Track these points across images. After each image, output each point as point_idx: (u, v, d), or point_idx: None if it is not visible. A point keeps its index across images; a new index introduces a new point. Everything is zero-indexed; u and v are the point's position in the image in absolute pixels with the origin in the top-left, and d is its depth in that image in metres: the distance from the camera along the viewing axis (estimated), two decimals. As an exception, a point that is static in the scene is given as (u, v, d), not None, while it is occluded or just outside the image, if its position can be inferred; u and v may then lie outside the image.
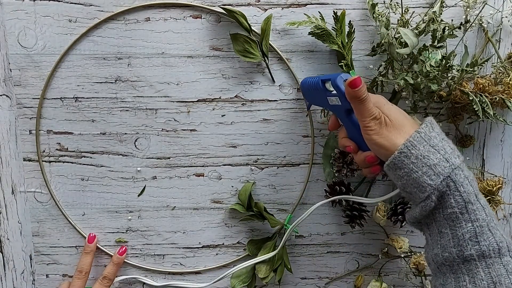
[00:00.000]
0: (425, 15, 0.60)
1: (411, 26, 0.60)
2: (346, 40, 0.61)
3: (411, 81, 0.57)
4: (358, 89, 0.48)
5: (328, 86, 0.54)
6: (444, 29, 0.56)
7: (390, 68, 0.61)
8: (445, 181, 0.47)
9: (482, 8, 0.59)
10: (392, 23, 0.59)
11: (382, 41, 0.59)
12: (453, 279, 0.47)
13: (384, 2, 0.61)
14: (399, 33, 0.57)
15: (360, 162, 0.54)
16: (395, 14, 0.59)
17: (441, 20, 0.58)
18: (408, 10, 0.60)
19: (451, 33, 0.57)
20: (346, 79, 0.49)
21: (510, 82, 0.58)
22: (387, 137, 0.49)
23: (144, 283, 0.69)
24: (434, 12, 0.58)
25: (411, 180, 0.48)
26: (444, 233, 0.48)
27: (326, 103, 0.55)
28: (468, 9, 0.59)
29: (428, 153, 0.47)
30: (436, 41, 0.57)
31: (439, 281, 0.49)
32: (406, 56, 0.58)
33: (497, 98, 0.58)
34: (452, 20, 0.61)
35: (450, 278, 0.48)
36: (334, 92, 0.52)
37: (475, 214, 0.46)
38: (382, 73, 0.61)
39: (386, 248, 0.69)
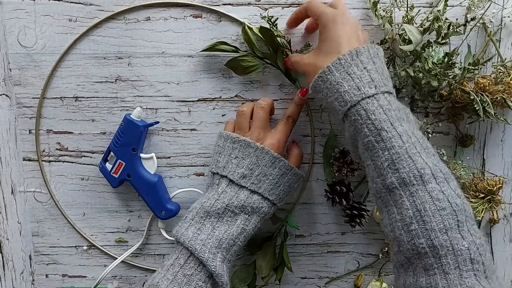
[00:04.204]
0: (430, 13, 0.60)
1: (416, 24, 0.60)
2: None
3: (412, 74, 0.57)
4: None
5: None
6: (449, 26, 0.56)
7: (391, 65, 0.61)
8: (354, 109, 0.47)
9: (489, 6, 0.60)
10: (395, 23, 0.60)
11: (386, 37, 0.59)
12: (386, 214, 0.47)
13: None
14: (403, 29, 0.57)
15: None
16: (400, 10, 0.60)
17: (446, 19, 0.58)
18: (413, 7, 0.60)
19: (456, 30, 0.57)
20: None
21: (511, 82, 0.59)
22: (315, 62, 0.53)
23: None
24: (439, 10, 0.58)
25: (328, 104, 0.51)
26: (368, 165, 0.48)
27: None
28: (473, 8, 0.59)
29: (342, 80, 0.49)
30: (441, 37, 0.57)
31: (380, 218, 0.49)
32: (409, 53, 0.58)
33: (498, 98, 0.58)
34: (457, 19, 0.61)
35: (384, 213, 0.47)
36: None
37: (390, 141, 0.45)
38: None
39: (386, 248, 0.69)
